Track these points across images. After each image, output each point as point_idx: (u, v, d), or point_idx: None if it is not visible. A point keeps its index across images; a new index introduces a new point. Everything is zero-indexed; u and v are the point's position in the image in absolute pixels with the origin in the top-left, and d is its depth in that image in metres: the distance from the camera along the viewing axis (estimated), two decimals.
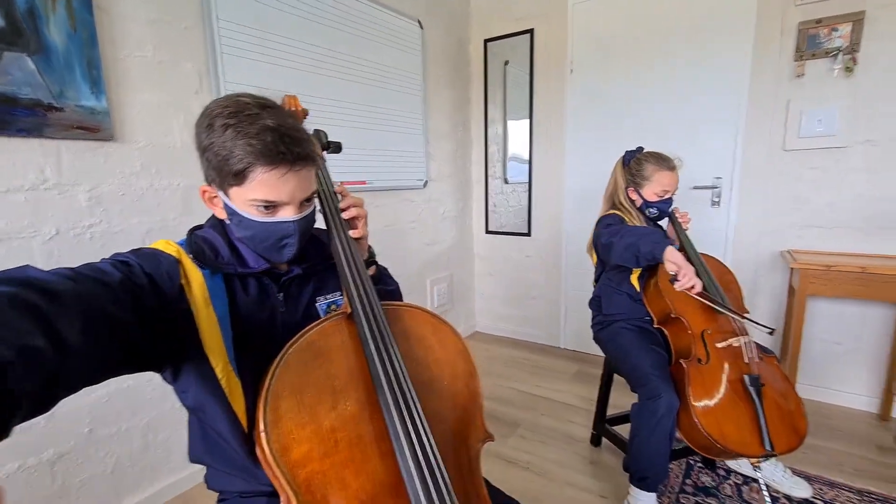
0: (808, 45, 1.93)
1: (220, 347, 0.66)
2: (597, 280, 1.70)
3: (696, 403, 1.29)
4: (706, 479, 1.61)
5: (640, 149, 1.64)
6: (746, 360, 1.35)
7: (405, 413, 0.63)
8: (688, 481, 1.60)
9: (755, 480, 1.58)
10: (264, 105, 0.64)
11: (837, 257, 1.93)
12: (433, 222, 2.76)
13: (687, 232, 1.60)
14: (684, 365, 1.36)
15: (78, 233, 1.33)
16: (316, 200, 0.76)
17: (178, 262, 0.66)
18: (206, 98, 1.58)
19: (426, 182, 2.63)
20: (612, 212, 1.59)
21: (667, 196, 1.55)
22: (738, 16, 2.07)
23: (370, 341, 0.67)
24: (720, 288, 1.47)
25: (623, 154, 1.64)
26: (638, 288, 1.54)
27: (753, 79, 2.06)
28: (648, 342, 1.48)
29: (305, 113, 0.93)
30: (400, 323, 0.75)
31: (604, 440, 1.82)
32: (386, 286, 0.90)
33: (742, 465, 1.65)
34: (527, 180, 2.82)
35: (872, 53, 1.83)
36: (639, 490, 1.36)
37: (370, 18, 2.18)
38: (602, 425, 1.81)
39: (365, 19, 2.15)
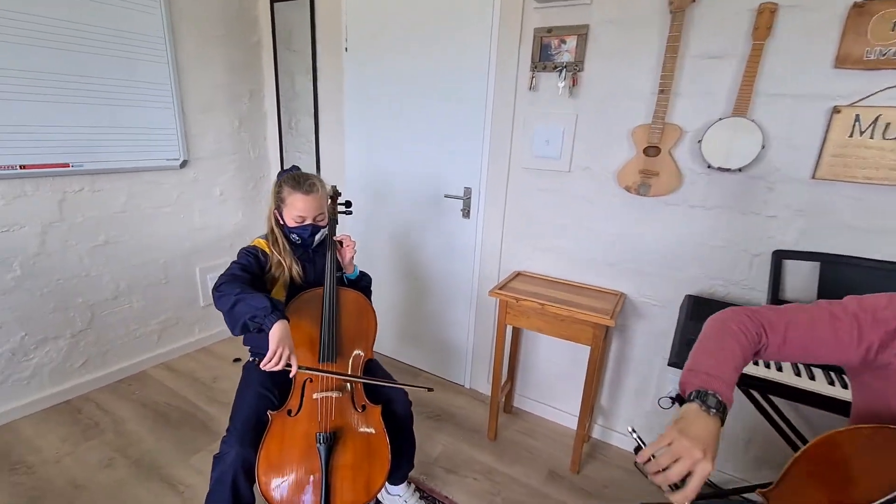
0: (542, 56, 1.77)
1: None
2: None
3: (263, 459, 1.22)
4: None
5: (294, 167, 1.47)
6: (332, 416, 1.28)
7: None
8: None
9: None
10: None
11: (552, 285, 1.89)
12: (203, 205, 2.52)
13: (346, 260, 1.49)
14: (271, 416, 1.28)
15: None
16: None
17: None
18: None
19: (184, 161, 2.36)
20: (255, 241, 1.44)
21: (305, 223, 1.40)
22: (484, 15, 1.86)
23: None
24: (341, 337, 1.37)
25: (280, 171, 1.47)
26: None
27: (497, 86, 1.90)
28: (266, 384, 1.38)
29: None
30: None
31: None
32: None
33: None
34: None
35: (591, 77, 1.70)
36: None
37: None
38: None
39: None
